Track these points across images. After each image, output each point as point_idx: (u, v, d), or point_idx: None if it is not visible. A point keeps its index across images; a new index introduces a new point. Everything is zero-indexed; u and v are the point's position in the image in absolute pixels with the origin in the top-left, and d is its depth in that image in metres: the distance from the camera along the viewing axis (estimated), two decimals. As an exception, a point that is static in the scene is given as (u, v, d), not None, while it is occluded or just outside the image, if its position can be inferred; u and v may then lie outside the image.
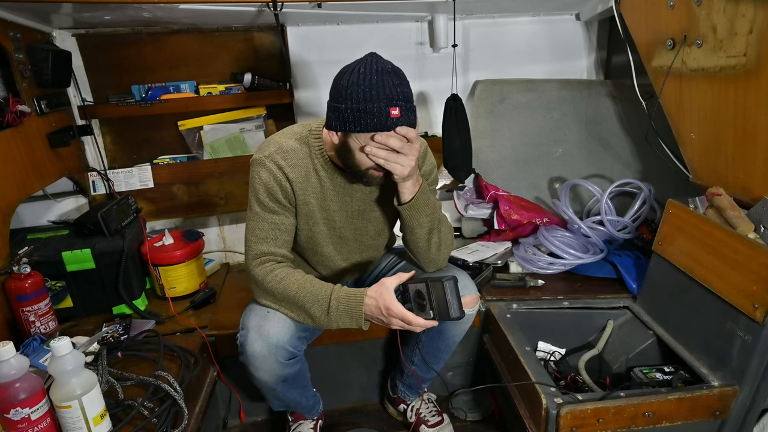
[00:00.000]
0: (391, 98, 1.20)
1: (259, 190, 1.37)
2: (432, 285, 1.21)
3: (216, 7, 1.88)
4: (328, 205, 1.46)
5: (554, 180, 2.39)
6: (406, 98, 1.23)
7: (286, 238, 1.43)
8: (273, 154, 1.37)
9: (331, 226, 1.50)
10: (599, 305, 1.78)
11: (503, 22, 2.40)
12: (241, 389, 1.80)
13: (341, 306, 1.29)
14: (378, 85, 1.20)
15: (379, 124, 1.20)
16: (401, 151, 1.24)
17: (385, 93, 1.20)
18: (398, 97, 1.21)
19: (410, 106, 1.24)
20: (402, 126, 1.22)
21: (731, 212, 1.39)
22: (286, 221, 1.42)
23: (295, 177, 1.39)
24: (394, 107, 1.20)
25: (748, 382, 1.30)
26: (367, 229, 1.54)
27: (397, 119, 1.20)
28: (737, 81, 1.39)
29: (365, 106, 1.20)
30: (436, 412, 1.75)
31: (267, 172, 1.36)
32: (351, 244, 1.56)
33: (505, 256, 2.09)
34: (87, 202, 2.19)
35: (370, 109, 1.20)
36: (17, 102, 1.67)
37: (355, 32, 2.28)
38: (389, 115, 1.20)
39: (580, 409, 1.29)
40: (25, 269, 1.56)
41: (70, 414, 1.11)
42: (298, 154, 1.40)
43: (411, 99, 1.25)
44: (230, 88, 2.24)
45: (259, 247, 1.39)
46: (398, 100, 1.21)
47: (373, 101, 1.19)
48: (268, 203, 1.38)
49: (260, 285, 1.37)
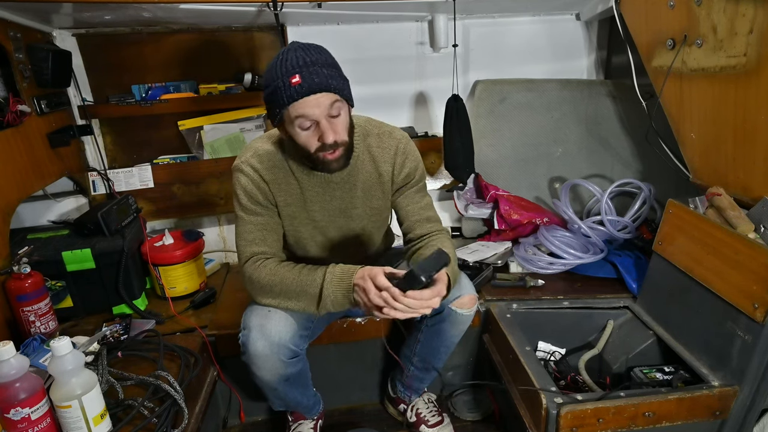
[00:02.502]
0: (290, 69, 1.22)
1: (240, 194, 1.41)
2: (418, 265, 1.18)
3: (216, 7, 1.88)
4: (309, 206, 1.47)
5: (554, 180, 2.39)
6: (309, 63, 1.23)
7: (274, 237, 1.45)
8: (249, 159, 1.40)
9: (315, 226, 1.50)
10: (599, 305, 1.78)
11: (503, 21, 2.41)
12: (241, 389, 1.80)
13: (335, 277, 1.29)
14: (281, 62, 1.24)
15: (287, 95, 1.22)
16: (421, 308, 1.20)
17: (285, 67, 1.22)
18: (297, 64, 1.22)
19: (313, 69, 1.22)
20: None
21: (731, 212, 1.39)
22: (271, 221, 1.43)
23: (272, 179, 1.41)
24: (293, 75, 1.21)
25: (748, 382, 1.30)
26: (351, 227, 1.54)
27: (299, 86, 1.21)
28: (737, 81, 1.39)
29: (274, 84, 1.23)
30: (437, 412, 1.75)
31: (245, 176, 1.39)
32: (336, 242, 1.56)
33: (505, 256, 2.09)
34: (87, 202, 2.19)
35: (277, 86, 1.23)
36: (17, 102, 1.67)
37: (355, 32, 2.28)
38: (290, 84, 1.21)
39: (580, 409, 1.29)
40: (25, 269, 1.56)
41: (70, 414, 1.11)
42: (273, 157, 1.42)
43: (317, 63, 1.24)
44: (230, 88, 2.24)
45: (249, 249, 1.41)
46: (296, 68, 1.21)
47: (277, 78, 1.23)
48: (250, 206, 1.41)
49: (256, 282, 1.37)
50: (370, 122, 1.50)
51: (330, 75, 1.24)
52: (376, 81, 2.34)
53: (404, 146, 1.48)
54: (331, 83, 1.23)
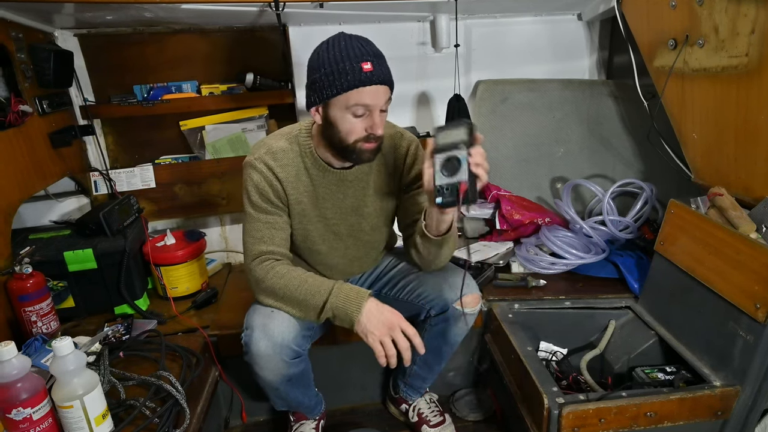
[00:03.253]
0: (360, 55, 1.23)
1: (251, 191, 1.40)
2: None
3: (218, 7, 1.88)
4: (321, 203, 1.47)
5: (556, 180, 2.39)
6: (377, 54, 1.26)
7: (282, 236, 1.44)
8: (263, 156, 1.40)
9: (326, 224, 1.50)
10: (601, 305, 1.78)
11: (505, 22, 2.40)
12: (243, 389, 1.80)
13: (341, 294, 1.31)
14: (347, 47, 1.25)
15: (354, 80, 1.23)
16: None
17: (354, 52, 1.24)
18: (367, 53, 1.24)
19: (382, 61, 1.27)
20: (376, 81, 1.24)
21: (733, 212, 1.39)
22: (280, 220, 1.43)
23: (286, 176, 1.41)
24: (365, 62, 1.23)
25: (750, 382, 1.30)
26: (362, 225, 1.54)
27: (370, 73, 1.23)
28: (739, 81, 1.39)
29: (337, 67, 1.23)
30: (438, 412, 1.75)
31: (257, 173, 1.39)
32: (347, 240, 1.56)
33: (507, 256, 2.08)
34: (89, 202, 2.19)
35: (342, 69, 1.23)
36: (19, 102, 1.67)
37: (356, 32, 2.26)
38: (362, 70, 1.23)
39: (581, 409, 1.29)
40: (26, 269, 1.56)
41: (71, 414, 1.11)
42: (288, 154, 1.42)
43: (382, 56, 1.28)
44: (232, 88, 2.24)
45: (257, 247, 1.40)
46: (368, 55, 1.24)
47: (344, 61, 1.23)
48: (260, 204, 1.40)
49: (261, 284, 1.37)
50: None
51: (390, 72, 1.29)
52: (377, 81, 2.34)
53: (414, 149, 1.51)
54: (392, 80, 1.29)
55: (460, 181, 1.17)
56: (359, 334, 1.30)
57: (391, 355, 1.26)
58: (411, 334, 1.28)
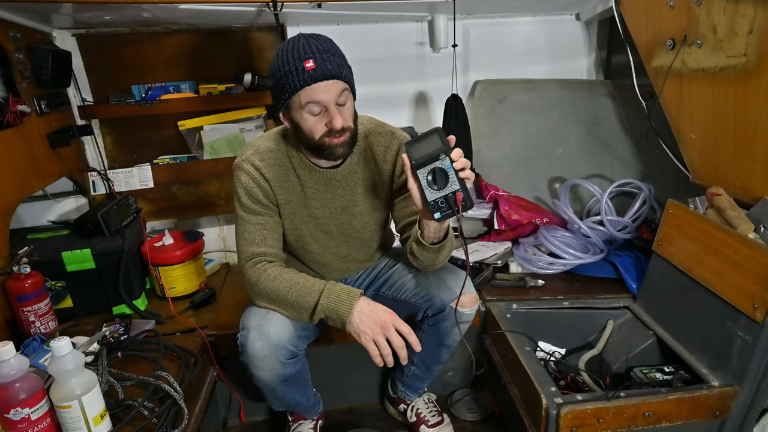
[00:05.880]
0: (303, 54, 1.24)
1: (240, 193, 1.41)
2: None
3: (216, 7, 1.88)
4: (310, 203, 1.47)
5: (554, 180, 2.39)
6: (323, 50, 1.25)
7: (274, 237, 1.45)
8: (250, 157, 1.41)
9: (316, 223, 1.51)
10: (599, 305, 1.78)
11: (503, 22, 2.41)
12: (241, 389, 1.80)
13: (332, 295, 1.31)
14: (293, 49, 1.25)
15: (298, 80, 1.23)
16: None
17: (298, 52, 1.24)
18: (311, 51, 1.24)
19: (328, 56, 1.25)
20: None
21: (731, 212, 1.39)
22: (271, 221, 1.44)
23: (273, 177, 1.41)
24: (307, 60, 1.23)
25: (748, 382, 1.30)
26: (353, 224, 1.54)
27: (312, 70, 1.23)
28: (737, 81, 1.39)
29: (284, 70, 1.25)
30: (437, 412, 1.75)
31: (245, 174, 1.40)
32: (338, 239, 1.56)
33: (505, 256, 2.08)
34: (87, 202, 2.19)
35: (288, 71, 1.24)
36: (17, 102, 1.67)
37: (355, 32, 2.28)
38: (304, 69, 1.23)
39: (580, 409, 1.29)
40: (25, 269, 1.56)
41: (70, 414, 1.11)
42: (275, 155, 1.42)
43: (331, 51, 1.27)
44: (230, 88, 2.23)
45: (249, 249, 1.41)
46: (310, 53, 1.24)
47: (288, 63, 1.24)
48: (250, 205, 1.41)
49: (254, 287, 1.38)
50: (372, 121, 1.51)
51: (340, 64, 1.28)
52: (375, 81, 2.34)
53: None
54: (342, 72, 1.27)
55: (455, 191, 1.16)
56: (352, 334, 1.30)
57: (385, 354, 1.26)
58: (406, 332, 1.28)
